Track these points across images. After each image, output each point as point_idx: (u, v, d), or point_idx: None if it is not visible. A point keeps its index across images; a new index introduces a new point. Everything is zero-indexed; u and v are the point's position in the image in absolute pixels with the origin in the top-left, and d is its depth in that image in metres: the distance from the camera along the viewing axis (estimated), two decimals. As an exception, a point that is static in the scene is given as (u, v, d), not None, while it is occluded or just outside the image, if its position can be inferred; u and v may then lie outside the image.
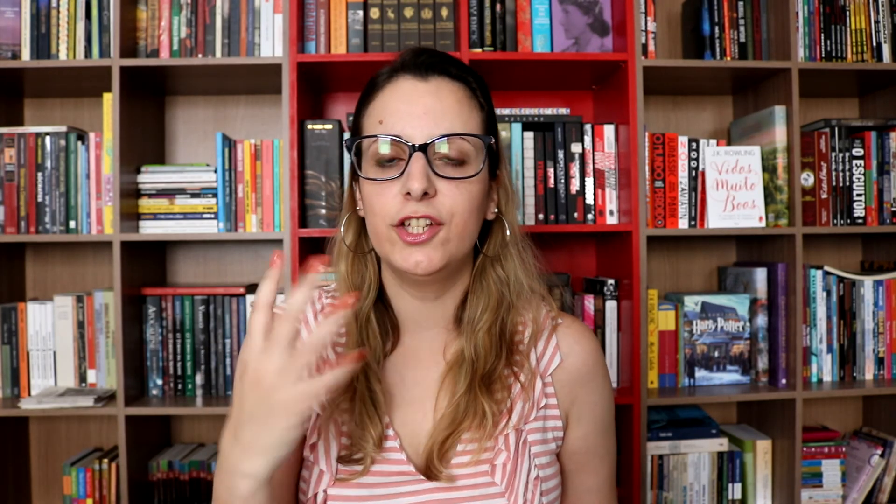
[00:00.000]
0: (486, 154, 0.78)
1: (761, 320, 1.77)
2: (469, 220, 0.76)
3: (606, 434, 0.90)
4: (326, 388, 0.60)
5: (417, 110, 0.75)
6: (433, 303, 0.84)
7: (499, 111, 1.83)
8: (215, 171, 1.72)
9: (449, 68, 0.78)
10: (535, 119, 1.81)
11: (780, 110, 1.72)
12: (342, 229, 0.86)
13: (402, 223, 0.74)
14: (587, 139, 1.73)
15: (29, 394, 1.73)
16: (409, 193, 0.72)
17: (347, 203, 0.87)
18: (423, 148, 0.73)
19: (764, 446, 1.79)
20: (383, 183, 0.75)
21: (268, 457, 0.62)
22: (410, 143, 0.73)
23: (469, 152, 0.76)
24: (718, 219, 1.74)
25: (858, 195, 1.78)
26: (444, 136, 0.74)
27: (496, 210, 0.84)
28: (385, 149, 0.75)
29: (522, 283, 0.84)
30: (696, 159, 1.76)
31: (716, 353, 1.77)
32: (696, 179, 1.76)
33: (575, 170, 1.73)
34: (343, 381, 0.78)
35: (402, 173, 0.74)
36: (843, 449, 1.79)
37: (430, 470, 0.78)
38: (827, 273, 1.80)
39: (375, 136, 0.75)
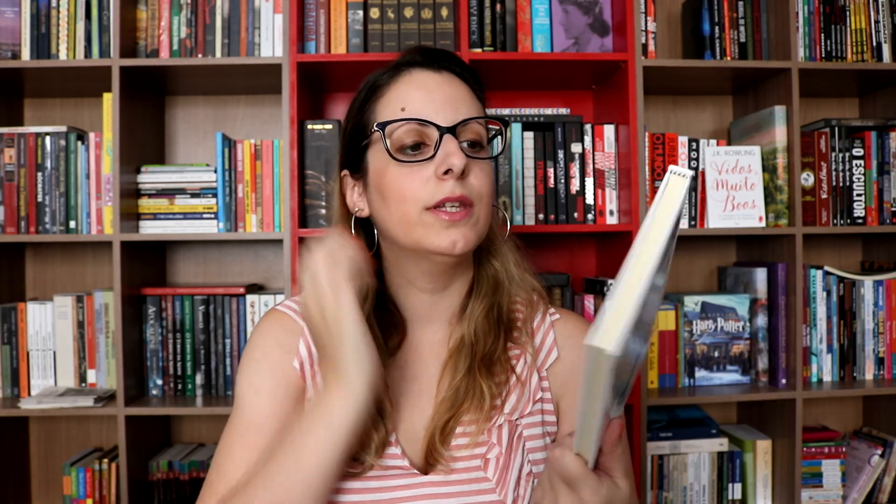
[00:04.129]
0: (494, 140, 0.83)
1: (761, 320, 1.77)
2: (490, 203, 0.80)
3: None
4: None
5: (438, 97, 0.78)
6: (441, 294, 0.85)
7: (499, 111, 1.83)
8: (215, 171, 1.72)
9: (454, 66, 0.82)
10: (535, 119, 1.81)
11: (780, 110, 1.72)
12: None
13: (437, 206, 0.75)
14: (587, 139, 1.73)
15: (29, 394, 1.73)
16: (446, 172, 0.74)
17: (340, 208, 0.87)
18: (453, 130, 0.76)
19: (764, 446, 1.79)
20: (413, 167, 0.76)
21: (361, 367, 0.69)
22: (442, 126, 0.76)
23: (484, 137, 0.81)
24: (718, 219, 1.74)
25: (858, 195, 1.78)
26: (469, 118, 0.78)
27: None
28: (412, 135, 0.77)
29: (514, 273, 0.87)
30: (696, 159, 1.76)
31: (716, 353, 1.77)
32: (696, 179, 1.76)
33: (575, 170, 1.73)
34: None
35: (433, 155, 0.76)
36: (844, 449, 1.79)
37: (429, 456, 0.78)
38: (827, 273, 1.80)
39: (409, 119, 0.76)
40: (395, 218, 0.78)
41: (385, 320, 0.84)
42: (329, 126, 1.67)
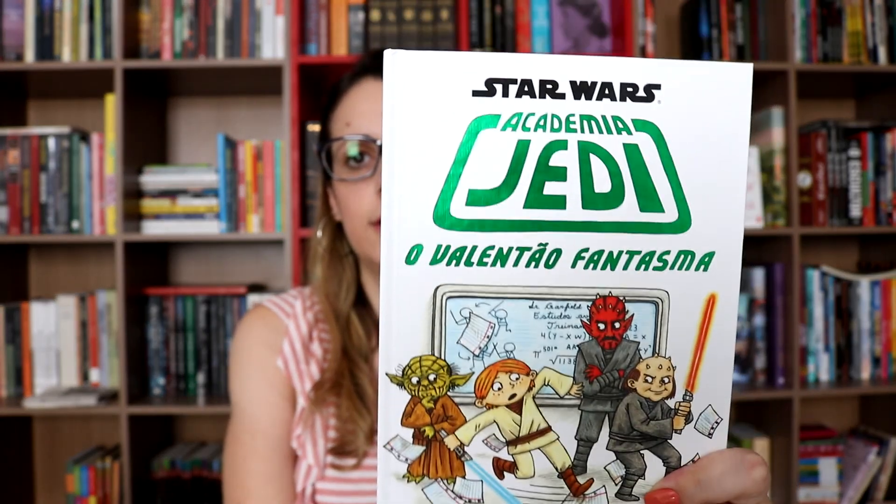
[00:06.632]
0: None
1: (759, 320, 1.78)
2: None
3: None
4: None
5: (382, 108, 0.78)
6: None
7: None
8: (217, 172, 1.74)
9: None
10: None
11: (777, 111, 1.74)
12: (318, 234, 0.87)
13: (379, 222, 0.76)
14: (586, 140, 1.75)
15: (32, 393, 1.74)
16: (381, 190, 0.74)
17: (321, 208, 0.88)
18: None
19: (761, 445, 1.81)
20: (357, 183, 0.77)
21: None
22: (379, 142, 0.74)
23: None
24: (716, 219, 1.75)
25: (855, 196, 1.79)
26: None
27: None
28: (354, 149, 0.77)
29: None
30: (694, 160, 1.77)
31: (714, 353, 1.78)
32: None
33: (574, 170, 1.74)
34: (329, 379, 0.78)
35: (373, 171, 0.75)
36: (840, 447, 1.81)
37: None
38: (824, 273, 1.82)
39: (343, 137, 0.77)
40: (347, 229, 0.80)
41: (365, 320, 0.85)
42: (330, 127, 1.68)
